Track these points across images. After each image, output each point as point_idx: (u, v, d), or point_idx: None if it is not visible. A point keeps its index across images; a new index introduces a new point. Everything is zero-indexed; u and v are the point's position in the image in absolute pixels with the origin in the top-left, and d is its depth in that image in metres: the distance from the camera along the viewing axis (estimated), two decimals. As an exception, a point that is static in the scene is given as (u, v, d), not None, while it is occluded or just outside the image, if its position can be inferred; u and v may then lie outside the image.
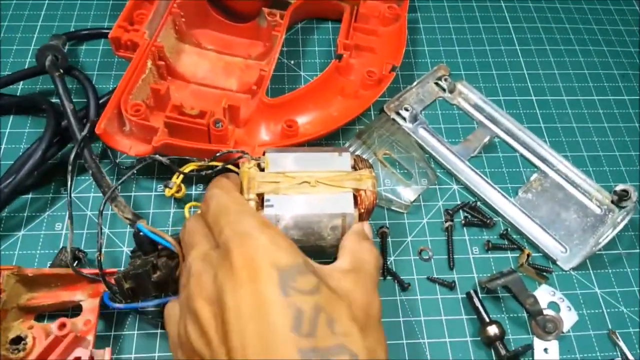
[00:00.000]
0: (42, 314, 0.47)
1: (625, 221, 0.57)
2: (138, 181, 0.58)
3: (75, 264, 0.50)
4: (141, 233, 0.45)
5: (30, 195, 0.56)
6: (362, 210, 0.44)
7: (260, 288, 0.29)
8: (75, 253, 0.51)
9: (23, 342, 0.43)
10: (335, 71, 0.64)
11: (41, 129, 0.56)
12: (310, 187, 0.44)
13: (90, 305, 0.46)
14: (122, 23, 0.59)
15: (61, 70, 0.57)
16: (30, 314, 0.46)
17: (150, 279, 0.43)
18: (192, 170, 0.51)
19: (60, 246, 0.53)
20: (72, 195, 0.56)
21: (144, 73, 0.57)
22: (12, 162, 0.56)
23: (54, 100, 0.61)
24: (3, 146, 0.59)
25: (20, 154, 0.56)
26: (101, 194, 0.52)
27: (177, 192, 0.54)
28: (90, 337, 0.44)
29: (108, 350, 0.43)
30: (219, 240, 0.35)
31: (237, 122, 0.58)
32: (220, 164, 0.48)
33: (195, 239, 0.38)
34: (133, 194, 0.57)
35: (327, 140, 0.62)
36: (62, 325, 0.43)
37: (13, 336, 0.44)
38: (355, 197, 0.44)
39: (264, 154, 0.47)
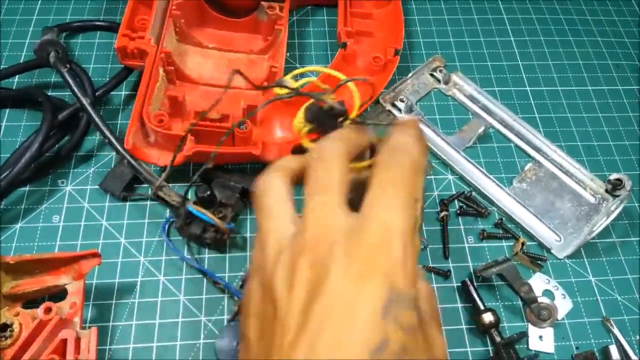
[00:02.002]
0: (29, 301, 0.48)
1: (619, 209, 0.58)
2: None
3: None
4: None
5: (27, 188, 0.57)
6: None
7: (364, 295, 0.27)
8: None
9: (10, 329, 0.44)
10: (342, 60, 0.64)
11: (37, 122, 0.56)
12: None
13: (75, 288, 0.46)
14: (125, 31, 0.59)
15: (67, 66, 0.58)
16: (16, 302, 0.47)
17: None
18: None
19: (57, 237, 0.54)
20: (70, 187, 0.57)
21: (157, 81, 0.57)
22: (9, 155, 0.56)
23: (50, 93, 0.61)
24: (0, 139, 0.60)
25: (17, 147, 0.57)
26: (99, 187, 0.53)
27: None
28: (77, 320, 0.45)
29: (94, 329, 0.43)
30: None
31: (255, 121, 0.57)
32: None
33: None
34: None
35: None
36: (48, 310, 0.43)
37: (-1, 325, 0.44)
38: None
39: None
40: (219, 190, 0.55)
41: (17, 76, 0.64)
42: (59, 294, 0.47)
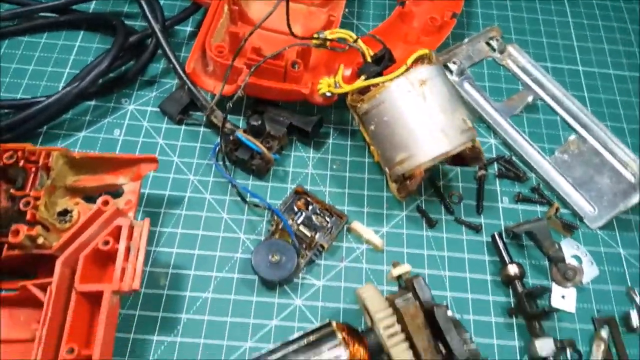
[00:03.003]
0: (88, 198, 0.51)
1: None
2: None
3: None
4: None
5: (93, 102, 0.61)
6: None
7: None
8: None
9: (69, 214, 0.48)
10: (398, 17, 0.66)
11: (108, 46, 0.60)
12: None
13: (131, 187, 0.50)
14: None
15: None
16: (76, 195, 0.50)
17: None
18: None
19: (117, 149, 0.58)
20: (132, 107, 0.61)
21: (222, 17, 0.60)
22: (79, 70, 0.60)
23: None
24: (72, 57, 0.64)
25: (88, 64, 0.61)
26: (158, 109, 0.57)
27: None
28: (131, 214, 0.48)
29: (147, 220, 0.47)
30: None
31: (307, 66, 0.60)
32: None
33: None
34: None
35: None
36: (106, 203, 0.46)
37: (60, 209, 0.48)
38: None
39: None
40: (269, 123, 0.58)
41: (93, 2, 0.68)
42: (116, 194, 0.50)
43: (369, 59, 0.54)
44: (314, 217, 0.56)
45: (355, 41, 0.55)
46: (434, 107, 0.49)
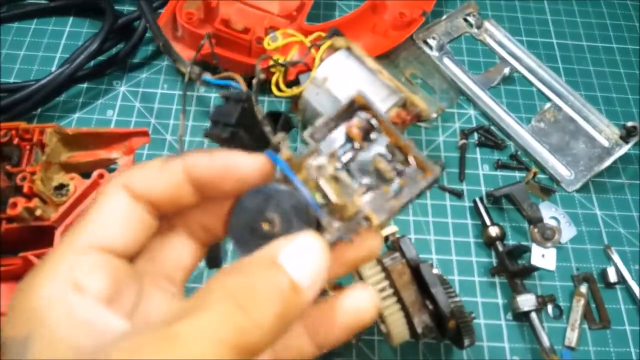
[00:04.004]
0: (83, 174, 0.52)
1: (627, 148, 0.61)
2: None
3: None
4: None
5: (85, 85, 0.63)
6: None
7: None
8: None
9: (65, 188, 0.50)
10: (370, 8, 0.68)
11: (97, 30, 0.61)
12: None
13: (125, 161, 0.52)
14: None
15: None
16: (71, 171, 0.52)
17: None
18: None
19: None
20: (124, 88, 0.63)
21: None
22: (71, 54, 0.62)
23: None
24: (63, 42, 0.66)
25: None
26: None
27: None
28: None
29: None
30: None
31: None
32: None
33: None
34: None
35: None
36: (101, 176, 0.48)
37: (56, 184, 0.50)
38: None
39: None
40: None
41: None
42: (110, 169, 0.52)
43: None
44: (376, 161, 0.27)
45: (310, 49, 0.57)
46: (341, 94, 0.54)
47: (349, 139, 0.27)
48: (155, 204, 0.24)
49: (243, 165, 0.25)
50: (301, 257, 0.22)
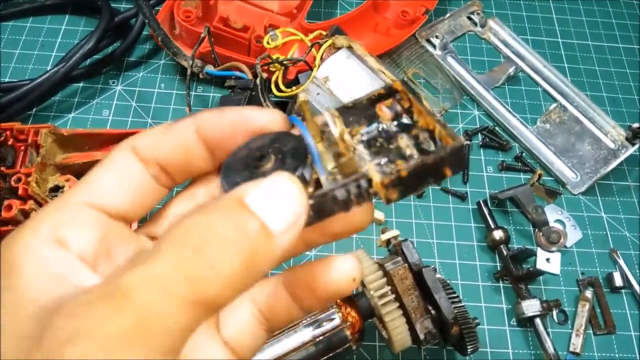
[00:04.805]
0: (78, 174, 0.51)
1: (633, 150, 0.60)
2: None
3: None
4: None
5: (81, 84, 0.61)
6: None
7: None
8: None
9: (60, 190, 0.49)
10: (372, 6, 0.67)
11: (93, 28, 0.60)
12: None
13: None
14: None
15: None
16: (66, 173, 0.51)
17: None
18: None
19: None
20: (120, 87, 0.61)
21: None
22: (67, 52, 0.60)
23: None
24: (58, 40, 0.64)
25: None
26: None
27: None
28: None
29: None
30: None
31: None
32: None
33: None
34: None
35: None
36: (97, 177, 0.47)
37: (51, 186, 0.49)
38: None
39: None
40: None
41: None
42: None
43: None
44: (398, 137, 0.24)
45: (310, 48, 0.56)
46: (343, 95, 0.53)
47: (377, 118, 0.26)
48: (165, 166, 0.23)
49: (255, 119, 0.23)
50: (273, 198, 0.19)
